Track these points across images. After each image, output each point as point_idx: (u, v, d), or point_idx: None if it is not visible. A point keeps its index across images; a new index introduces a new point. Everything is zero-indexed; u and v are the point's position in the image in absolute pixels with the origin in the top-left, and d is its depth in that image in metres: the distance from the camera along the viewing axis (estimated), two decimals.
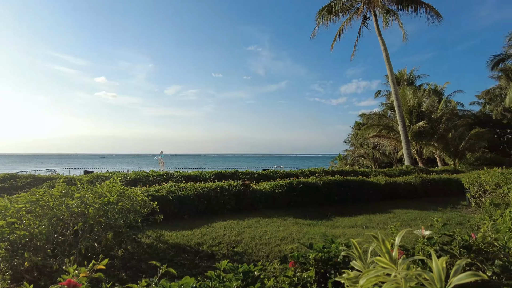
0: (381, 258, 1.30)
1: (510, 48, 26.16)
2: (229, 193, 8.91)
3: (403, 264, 1.28)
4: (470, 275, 1.07)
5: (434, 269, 1.15)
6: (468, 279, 1.07)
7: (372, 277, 1.26)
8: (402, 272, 1.23)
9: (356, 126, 38.96)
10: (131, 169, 17.29)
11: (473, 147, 23.70)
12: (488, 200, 7.64)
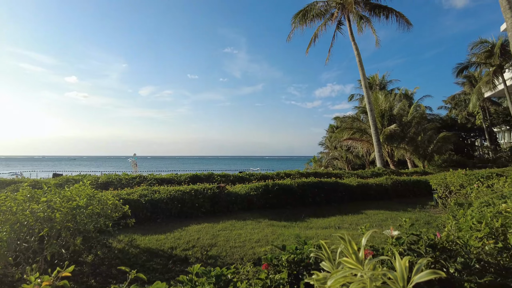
0: (348, 259, 1.33)
1: (473, 57, 27.60)
2: (204, 196, 8.83)
3: (370, 264, 1.32)
4: (429, 273, 1.12)
5: (398, 269, 1.19)
6: (428, 277, 1.12)
7: (340, 277, 1.29)
8: (368, 272, 1.26)
9: (330, 129, 39.75)
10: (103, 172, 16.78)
11: (441, 149, 24.77)
12: (453, 200, 8.01)
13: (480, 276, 2.48)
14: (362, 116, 30.82)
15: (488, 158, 32.27)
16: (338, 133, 27.47)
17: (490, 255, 2.84)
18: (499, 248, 2.95)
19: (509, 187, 6.84)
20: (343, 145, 30.51)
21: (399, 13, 20.04)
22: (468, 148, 37.30)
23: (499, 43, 24.89)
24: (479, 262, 2.70)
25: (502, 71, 25.80)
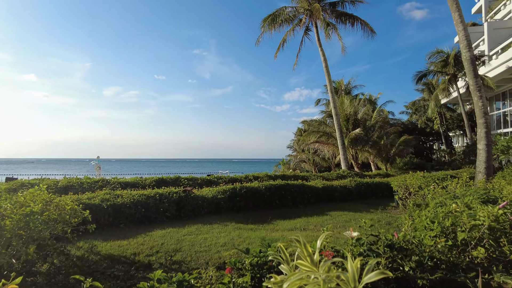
0: (303, 262, 1.36)
1: (431, 65, 29.29)
2: (169, 200, 8.65)
3: (324, 266, 1.35)
4: (378, 274, 1.17)
5: (349, 270, 1.24)
6: (376, 277, 1.17)
7: (296, 280, 1.31)
8: (323, 274, 1.30)
9: (298, 132, 40.45)
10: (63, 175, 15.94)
11: (402, 152, 25.96)
12: (412, 201, 8.43)
13: (432, 272, 2.63)
14: (329, 120, 31.66)
15: (444, 160, 34.26)
16: (305, 137, 28.00)
17: (442, 253, 3.01)
18: (449, 245, 3.14)
19: (460, 188, 7.29)
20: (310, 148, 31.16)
21: (363, 22, 20.84)
22: (427, 151, 39.42)
23: (453, 54, 26.60)
24: (431, 259, 2.85)
25: (456, 80, 27.58)
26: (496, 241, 3.10)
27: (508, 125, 27.37)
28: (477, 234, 3.17)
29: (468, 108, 31.06)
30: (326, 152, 27.59)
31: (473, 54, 11.94)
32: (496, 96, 29.01)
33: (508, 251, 2.90)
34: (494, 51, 24.91)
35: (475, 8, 35.32)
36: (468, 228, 3.23)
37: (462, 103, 27.99)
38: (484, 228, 3.15)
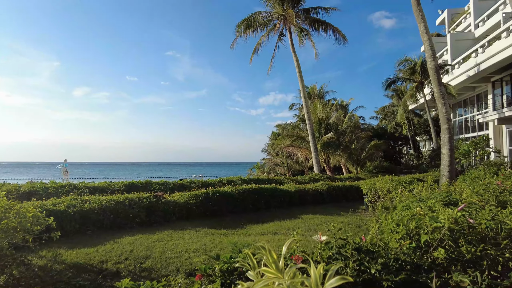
0: (269, 269, 1.38)
1: (400, 73, 30.50)
2: (139, 206, 8.43)
3: (289, 272, 1.37)
4: (339, 279, 1.21)
5: (312, 276, 1.26)
6: (338, 283, 1.20)
7: (261, 287, 1.33)
8: (288, 280, 1.32)
9: (273, 136, 40.73)
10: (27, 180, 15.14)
11: (372, 156, 26.74)
12: (380, 204, 8.70)
13: (396, 274, 2.72)
14: (302, 124, 32.14)
15: (412, 164, 35.66)
16: (279, 140, 28.25)
17: (407, 254, 3.13)
18: (413, 247, 3.26)
19: (426, 191, 7.61)
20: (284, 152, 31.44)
21: (336, 29, 21.39)
22: (396, 155, 40.86)
23: (419, 62, 27.84)
24: (397, 261, 2.95)
25: (423, 87, 28.85)
26: (455, 242, 3.25)
27: (469, 130, 28.94)
28: (439, 235, 3.31)
29: (434, 114, 32.55)
30: (299, 156, 27.94)
31: (437, 63, 12.56)
32: (459, 103, 30.62)
33: (466, 251, 3.05)
34: (456, 60, 26.33)
35: (439, 19, 37.21)
36: (430, 230, 3.38)
37: (428, 109, 29.30)
38: (445, 230, 3.30)
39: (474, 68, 23.07)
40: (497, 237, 3.28)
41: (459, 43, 27.90)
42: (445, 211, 4.35)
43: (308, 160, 28.28)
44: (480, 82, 25.33)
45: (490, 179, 10.11)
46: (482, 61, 21.90)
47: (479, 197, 4.98)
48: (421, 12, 12.32)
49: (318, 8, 21.43)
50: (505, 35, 19.56)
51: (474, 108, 28.42)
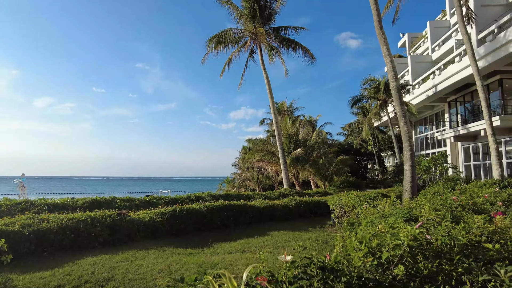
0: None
1: (365, 91, 31.92)
2: (102, 224, 8.04)
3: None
4: None
5: None
6: None
7: None
8: None
9: (243, 150, 40.79)
10: None
11: (339, 171, 27.44)
12: (346, 220, 8.90)
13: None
14: (272, 139, 32.50)
15: (377, 179, 36.92)
16: (250, 155, 28.33)
17: (369, 272, 3.20)
18: (375, 264, 3.35)
19: (389, 207, 7.89)
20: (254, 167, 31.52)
21: (305, 48, 22.09)
22: (362, 170, 42.20)
23: (383, 81, 29.31)
24: (360, 279, 3.01)
25: (386, 105, 30.29)
26: (414, 258, 3.38)
27: (430, 147, 30.57)
28: (399, 252, 3.43)
29: (397, 131, 34.14)
30: (269, 171, 28.11)
31: (399, 84, 13.28)
32: (420, 121, 32.38)
33: (423, 267, 3.17)
34: (416, 81, 27.99)
35: (400, 42, 39.57)
36: (391, 248, 3.49)
37: (391, 126, 30.71)
38: (404, 247, 3.43)
39: (432, 89, 24.61)
40: (451, 253, 3.46)
41: (419, 64, 29.76)
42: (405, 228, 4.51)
43: (278, 175, 28.48)
44: (438, 102, 27.03)
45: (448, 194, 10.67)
46: (439, 82, 23.45)
47: (436, 213, 5.22)
48: (383, 36, 13.05)
49: (288, 27, 22.09)
50: (457, 60, 21.11)
51: (433, 126, 30.16)
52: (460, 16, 15.42)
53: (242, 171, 38.70)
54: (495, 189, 9.50)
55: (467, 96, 23.21)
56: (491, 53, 17.51)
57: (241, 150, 42.60)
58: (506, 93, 19.82)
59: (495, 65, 17.98)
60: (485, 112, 14.48)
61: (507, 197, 7.72)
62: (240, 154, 42.62)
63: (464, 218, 4.80)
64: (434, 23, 30.53)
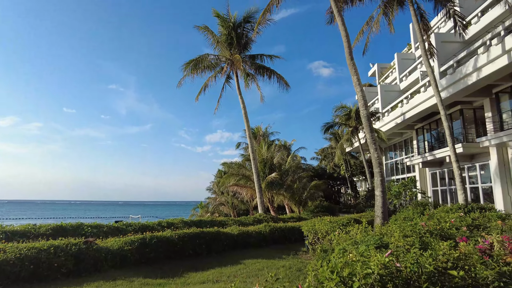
0: None
1: (336, 118, 32.94)
2: (67, 254, 7.58)
3: None
4: None
5: None
6: None
7: None
8: None
9: (219, 174, 40.43)
10: None
11: (313, 196, 27.67)
12: (319, 246, 8.90)
13: None
14: (247, 163, 32.47)
15: (350, 204, 37.48)
16: (225, 179, 28.09)
17: None
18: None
19: (361, 234, 8.00)
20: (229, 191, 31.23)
21: (279, 75, 22.72)
22: (335, 195, 42.77)
23: (354, 109, 30.43)
24: None
25: (357, 132, 31.30)
26: (384, 286, 3.44)
27: (399, 172, 31.60)
28: (370, 280, 3.47)
29: (368, 157, 35.12)
30: (244, 195, 27.90)
31: (369, 112, 13.82)
32: (390, 147, 33.59)
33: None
34: (386, 109, 29.27)
35: (370, 71, 41.64)
36: (362, 277, 3.53)
37: (363, 152, 31.63)
38: (375, 275, 3.48)
39: (401, 117, 25.79)
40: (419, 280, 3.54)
41: (388, 93, 31.25)
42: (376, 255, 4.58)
43: (253, 200, 28.31)
44: (406, 129, 28.27)
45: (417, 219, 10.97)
46: (407, 111, 24.63)
47: (406, 240, 5.34)
48: (354, 67, 13.69)
49: (263, 55, 22.72)
50: (423, 90, 22.38)
51: (402, 152, 31.34)
52: (424, 50, 16.50)
53: (216, 195, 38.16)
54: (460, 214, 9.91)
55: (432, 124, 24.45)
56: (452, 85, 18.72)
57: (216, 174, 42.21)
58: (466, 122, 21.08)
59: (456, 96, 19.19)
60: (448, 140, 15.26)
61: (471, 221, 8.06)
62: (215, 178, 42.20)
63: (431, 245, 4.95)
64: (401, 55, 32.45)
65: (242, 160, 36.58)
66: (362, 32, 19.46)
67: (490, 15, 18.67)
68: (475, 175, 20.43)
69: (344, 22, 13.88)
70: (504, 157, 17.54)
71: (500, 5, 17.11)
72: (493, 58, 15.38)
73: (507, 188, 17.18)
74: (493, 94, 18.16)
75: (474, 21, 20.02)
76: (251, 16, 21.43)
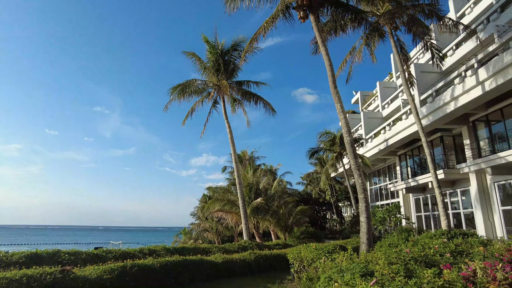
0: None
1: (321, 143, 33.40)
2: (41, 284, 7.18)
3: None
4: None
5: None
6: None
7: None
8: None
9: (203, 199, 39.85)
10: None
11: (299, 222, 27.44)
12: (305, 275, 8.76)
13: None
14: (233, 187, 32.18)
15: (336, 229, 37.34)
16: (210, 204, 27.64)
17: None
18: None
19: (346, 261, 7.94)
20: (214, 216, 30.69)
21: (266, 101, 23.09)
22: (321, 220, 42.58)
23: (339, 135, 30.98)
24: None
25: (342, 157, 31.72)
26: None
27: (384, 198, 31.92)
28: None
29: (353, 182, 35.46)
30: (229, 221, 27.44)
31: (353, 138, 14.09)
32: (374, 172, 34.07)
33: None
34: (369, 135, 29.93)
35: (353, 99, 42.83)
36: None
37: (347, 177, 31.93)
38: None
39: (384, 143, 26.37)
40: None
41: (371, 120, 32.07)
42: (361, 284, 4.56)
43: (238, 226, 27.86)
44: (390, 155, 28.84)
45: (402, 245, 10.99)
46: (389, 137, 25.25)
47: (391, 267, 5.34)
48: (338, 95, 14.06)
49: (250, 82, 23.14)
50: (404, 117, 23.10)
51: (386, 178, 31.80)
52: (404, 80, 17.19)
53: (201, 221, 37.41)
54: (444, 240, 10.02)
55: (415, 151, 25.06)
56: (432, 113, 19.42)
57: (201, 199, 41.60)
58: (447, 149, 21.73)
59: (436, 124, 19.87)
60: (430, 166, 15.63)
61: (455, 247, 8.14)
62: (200, 203, 41.55)
63: (416, 272, 4.97)
64: (383, 83, 33.65)
65: (227, 184, 36.28)
66: (345, 62, 20.18)
67: (464, 49, 19.77)
68: (457, 200, 20.84)
69: (328, 52, 14.37)
70: (483, 183, 18.02)
71: (472, 40, 18.17)
72: (468, 88, 16.15)
73: (487, 214, 17.54)
74: (470, 122, 18.90)
75: (449, 53, 21.12)
76: (239, 44, 22.00)
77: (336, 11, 15.77)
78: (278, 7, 14.99)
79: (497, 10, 17.05)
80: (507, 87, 14.70)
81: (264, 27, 15.38)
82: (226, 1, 14.60)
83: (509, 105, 16.13)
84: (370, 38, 18.46)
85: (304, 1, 14.30)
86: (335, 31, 16.71)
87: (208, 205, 28.42)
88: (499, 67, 14.18)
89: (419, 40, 17.81)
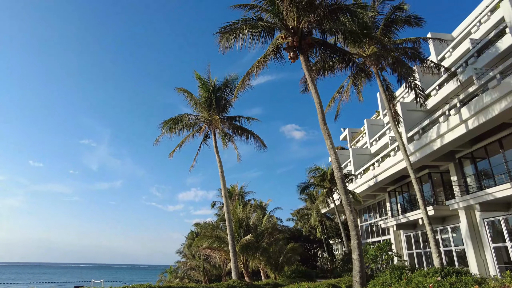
0: None
1: (311, 179, 33.40)
2: None
3: None
4: None
5: None
6: None
7: None
8: None
9: (190, 235, 38.74)
10: None
11: (290, 260, 26.66)
12: None
13: None
14: (222, 223, 31.48)
15: (327, 268, 36.35)
16: (198, 241, 26.79)
17: None
18: None
19: None
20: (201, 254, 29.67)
21: (256, 136, 23.34)
22: (311, 259, 41.54)
23: (329, 171, 31.11)
24: None
25: (332, 193, 31.65)
26: None
27: (375, 235, 31.58)
28: None
29: (343, 218, 35.09)
30: (217, 259, 26.50)
31: (343, 174, 14.21)
32: (364, 209, 33.98)
33: None
34: (358, 172, 30.18)
35: (342, 135, 43.66)
36: None
37: (338, 213, 31.67)
38: None
39: (373, 179, 26.56)
40: None
41: (360, 156, 32.50)
42: None
43: (226, 264, 26.93)
44: (379, 192, 28.97)
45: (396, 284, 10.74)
46: (378, 174, 25.50)
47: None
48: (327, 131, 14.36)
49: (241, 117, 23.51)
50: (393, 154, 23.52)
51: (377, 214, 31.70)
52: (391, 118, 17.73)
53: (187, 259, 36.11)
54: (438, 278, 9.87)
55: (404, 187, 25.25)
56: (419, 150, 19.86)
57: (188, 235, 40.45)
58: (435, 185, 21.98)
59: (424, 160, 20.26)
60: (420, 202, 15.72)
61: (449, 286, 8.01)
62: (186, 240, 40.35)
63: None
64: (370, 121, 34.56)
65: (216, 220, 35.53)
66: (334, 100, 20.83)
67: (446, 89, 20.71)
68: (448, 237, 20.76)
69: (317, 90, 14.87)
70: (473, 220, 18.12)
71: (453, 81, 19.12)
72: (453, 126, 16.72)
73: (479, 251, 17.46)
74: (456, 159, 19.34)
75: (433, 93, 22.05)
76: (231, 81, 22.60)
77: (325, 52, 16.54)
78: (269, 48, 15.63)
79: (474, 55, 18.11)
80: (489, 125, 15.30)
81: (256, 66, 15.92)
82: (219, 40, 15.15)
83: (492, 143, 16.68)
84: (357, 78, 19.22)
85: (294, 42, 14.99)
86: (323, 71, 17.42)
87: (196, 242, 27.55)
88: (480, 106, 14.84)
89: (403, 80, 18.64)
